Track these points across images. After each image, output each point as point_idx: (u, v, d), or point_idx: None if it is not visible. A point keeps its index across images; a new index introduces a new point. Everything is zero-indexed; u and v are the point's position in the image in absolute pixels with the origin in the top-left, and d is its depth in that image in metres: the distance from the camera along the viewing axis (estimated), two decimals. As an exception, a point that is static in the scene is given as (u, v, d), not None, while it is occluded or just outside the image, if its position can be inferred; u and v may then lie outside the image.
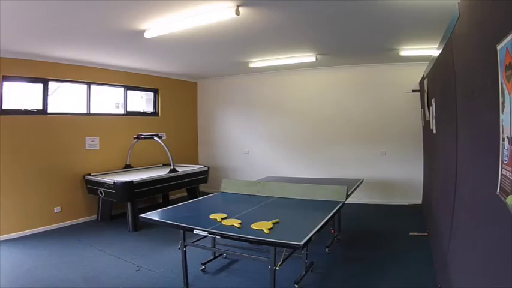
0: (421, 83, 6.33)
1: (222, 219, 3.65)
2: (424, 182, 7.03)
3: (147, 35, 4.96)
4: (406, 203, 7.55)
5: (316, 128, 8.54)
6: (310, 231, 3.13)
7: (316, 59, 6.95)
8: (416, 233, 5.59)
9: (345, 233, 5.81)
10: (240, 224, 3.47)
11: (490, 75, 1.66)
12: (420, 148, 7.23)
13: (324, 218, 3.63)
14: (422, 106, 6.24)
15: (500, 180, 1.55)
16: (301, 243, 2.87)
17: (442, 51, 3.59)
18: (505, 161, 1.49)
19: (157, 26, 4.71)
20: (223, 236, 3.35)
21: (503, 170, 1.52)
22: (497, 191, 1.59)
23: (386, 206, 7.69)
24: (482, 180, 2.01)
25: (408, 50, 6.18)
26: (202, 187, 8.27)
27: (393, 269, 4.44)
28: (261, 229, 3.28)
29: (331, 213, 3.88)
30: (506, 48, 1.42)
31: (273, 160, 8.98)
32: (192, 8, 4.11)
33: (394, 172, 7.77)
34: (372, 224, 6.58)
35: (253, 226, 3.38)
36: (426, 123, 5.84)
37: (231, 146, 9.64)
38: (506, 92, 1.44)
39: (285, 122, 8.88)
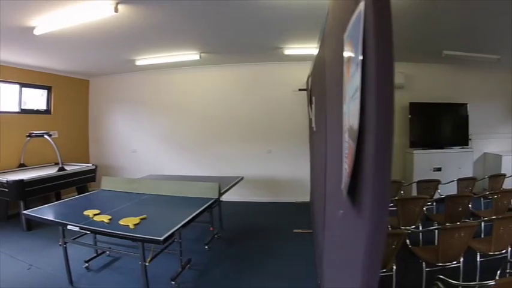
0: (307, 81, 6.48)
1: (94, 215, 3.84)
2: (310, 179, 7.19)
3: (36, 32, 4.96)
4: (294, 201, 7.73)
5: (204, 127, 8.65)
6: (174, 227, 3.36)
7: (200, 57, 7.06)
8: (300, 230, 5.70)
9: (228, 230, 5.93)
10: (109, 219, 3.68)
11: (340, 67, 1.63)
12: (307, 146, 7.36)
13: (190, 214, 3.84)
14: (308, 105, 6.39)
15: (343, 174, 1.51)
16: (162, 238, 3.08)
17: (318, 50, 3.64)
18: (345, 154, 1.45)
19: (44, 23, 4.71)
20: (92, 231, 3.60)
21: (344, 163, 1.48)
22: (342, 186, 1.55)
23: (274, 203, 7.89)
24: (338, 176, 1.99)
25: (292, 49, 6.43)
26: (92, 186, 7.95)
27: (275, 266, 4.56)
28: (127, 225, 3.49)
29: (198, 210, 4.05)
30: (349, 37, 1.37)
31: (162, 159, 8.97)
32: (73, 5, 4.18)
33: (281, 170, 8.04)
34: (257, 221, 6.72)
35: (120, 222, 3.57)
36: (310, 122, 5.97)
37: (120, 144, 9.49)
38: (345, 81, 1.40)
39: (174, 120, 8.91)
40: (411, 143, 7.90)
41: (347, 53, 1.41)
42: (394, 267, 3.53)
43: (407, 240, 3.92)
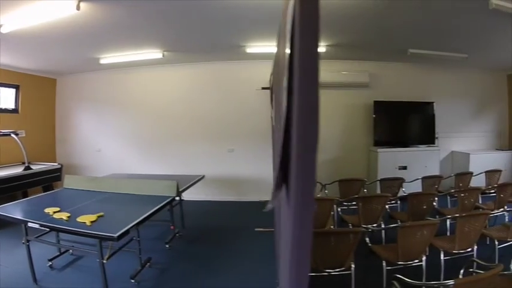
0: (270, 80, 6.49)
1: (54, 212, 3.88)
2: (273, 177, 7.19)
3: (2, 30, 4.96)
4: (258, 200, 7.72)
5: (168, 126, 8.64)
6: (129, 224, 3.43)
7: (163, 55, 7.08)
8: (262, 229, 5.68)
9: (190, 229, 5.97)
10: (68, 217, 3.72)
11: (283, 62, 1.61)
12: (271, 145, 7.34)
13: (147, 212, 3.91)
14: (270, 103, 6.39)
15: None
16: (116, 235, 3.15)
17: (276, 48, 3.65)
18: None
19: (10, 20, 4.73)
20: (51, 228, 3.69)
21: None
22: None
23: (237, 202, 7.97)
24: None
25: (254, 47, 6.49)
26: (58, 185, 7.68)
27: (236, 265, 4.59)
28: (84, 222, 3.55)
29: (154, 208, 4.10)
30: (287, 31, 1.36)
31: (126, 158, 8.91)
32: (36, 2, 4.20)
33: (244, 169, 8.11)
34: (220, 220, 6.77)
35: (78, 219, 3.63)
36: (272, 120, 5.98)
37: (85, 144, 9.38)
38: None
39: (138, 120, 8.86)
40: (375, 142, 7.97)
41: (286, 48, 1.39)
42: (353, 265, 3.54)
43: (367, 239, 3.93)
